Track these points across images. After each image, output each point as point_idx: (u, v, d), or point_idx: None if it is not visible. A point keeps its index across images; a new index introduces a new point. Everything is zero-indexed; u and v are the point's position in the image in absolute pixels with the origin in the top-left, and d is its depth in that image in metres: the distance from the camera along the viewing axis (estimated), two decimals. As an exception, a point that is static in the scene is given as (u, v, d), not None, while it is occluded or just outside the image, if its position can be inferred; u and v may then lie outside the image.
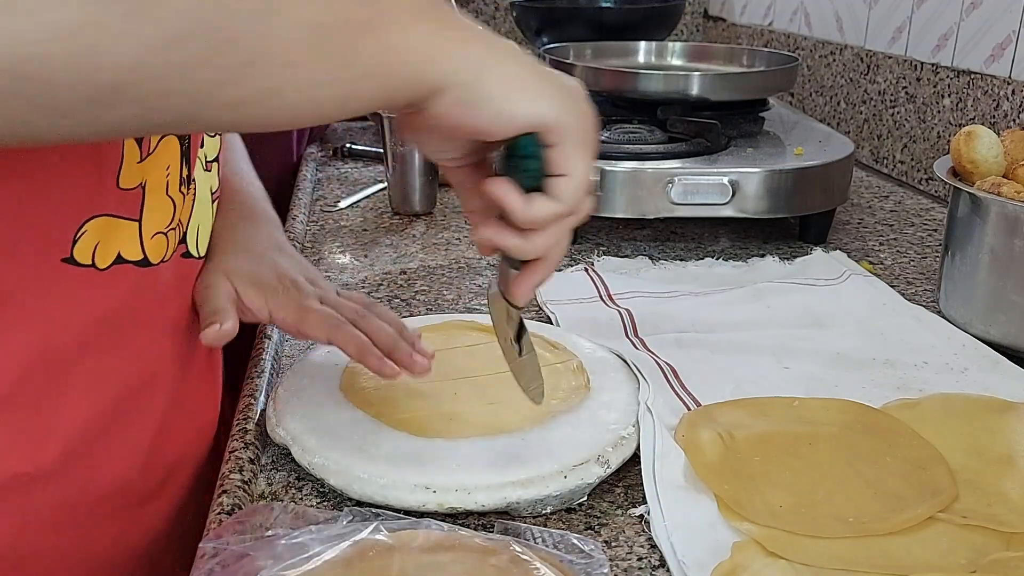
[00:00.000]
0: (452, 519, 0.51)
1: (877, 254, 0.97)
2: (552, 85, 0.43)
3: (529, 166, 0.44)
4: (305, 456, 0.55)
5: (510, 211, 0.44)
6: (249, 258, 0.62)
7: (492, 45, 0.42)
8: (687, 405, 0.63)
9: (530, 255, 0.47)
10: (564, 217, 0.45)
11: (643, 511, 0.53)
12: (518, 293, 0.49)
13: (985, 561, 0.48)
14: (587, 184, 0.45)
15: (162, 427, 0.58)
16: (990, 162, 0.75)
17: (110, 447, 0.54)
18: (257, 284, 0.60)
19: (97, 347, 0.52)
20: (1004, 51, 1.06)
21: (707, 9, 1.97)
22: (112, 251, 0.51)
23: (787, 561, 0.48)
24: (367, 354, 0.58)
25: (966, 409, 0.63)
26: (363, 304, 0.63)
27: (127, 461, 0.56)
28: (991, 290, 0.73)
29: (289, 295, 0.60)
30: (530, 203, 0.44)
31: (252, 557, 0.44)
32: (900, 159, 1.27)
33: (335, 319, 0.59)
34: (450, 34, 0.41)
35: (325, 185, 1.22)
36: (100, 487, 0.54)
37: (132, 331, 0.54)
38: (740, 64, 1.22)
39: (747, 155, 0.97)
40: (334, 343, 0.59)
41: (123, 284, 0.52)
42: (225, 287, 0.59)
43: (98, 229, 0.50)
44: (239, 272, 0.61)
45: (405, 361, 0.58)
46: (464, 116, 0.41)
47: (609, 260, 0.93)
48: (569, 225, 0.47)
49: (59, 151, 0.46)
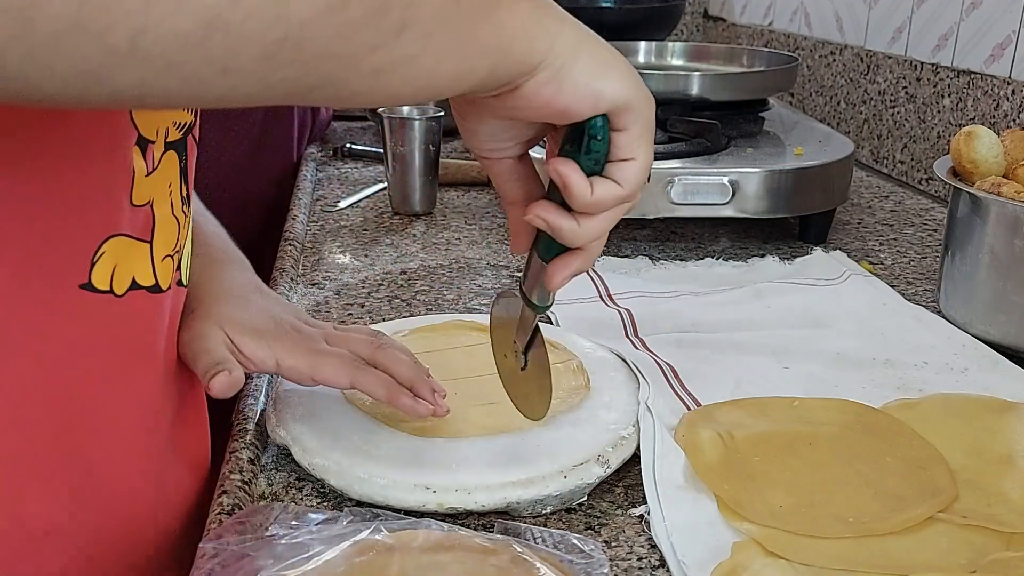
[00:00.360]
0: (452, 519, 0.51)
1: (877, 254, 0.97)
2: (630, 69, 0.44)
3: (599, 148, 0.44)
4: (305, 456, 0.55)
5: (574, 192, 0.44)
6: (235, 304, 0.58)
7: (580, 26, 0.43)
8: (687, 405, 0.63)
9: (580, 240, 0.47)
10: (625, 202, 0.46)
11: (643, 511, 0.53)
12: (554, 281, 0.49)
13: (985, 561, 0.48)
14: (647, 170, 0.45)
15: (160, 468, 0.55)
16: (990, 162, 0.75)
17: (117, 490, 0.51)
18: (255, 333, 0.56)
19: (110, 384, 0.49)
20: (1004, 51, 1.06)
21: (707, 9, 1.97)
22: (128, 275, 0.48)
23: (787, 561, 0.48)
24: (398, 396, 0.55)
25: (966, 409, 0.63)
26: (370, 335, 0.60)
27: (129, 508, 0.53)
28: (991, 290, 0.73)
29: (294, 340, 0.57)
30: (595, 185, 0.44)
31: (252, 557, 0.44)
32: (900, 159, 1.27)
33: (352, 361, 0.57)
34: (546, 12, 0.42)
35: (325, 185, 1.22)
36: (111, 533, 0.51)
37: (142, 365, 0.51)
38: (740, 64, 1.22)
39: (747, 155, 0.97)
40: (357, 387, 0.56)
41: (137, 312, 0.49)
42: (219, 336, 0.55)
43: (114, 250, 0.47)
44: (231, 321, 0.56)
45: (429, 399, 0.55)
46: (555, 94, 0.42)
47: (609, 260, 0.93)
48: (623, 212, 0.47)
49: (76, 165, 0.44)
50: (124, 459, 0.51)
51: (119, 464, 0.51)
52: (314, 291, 0.86)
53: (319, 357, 0.56)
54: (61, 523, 0.48)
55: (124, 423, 0.51)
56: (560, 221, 0.46)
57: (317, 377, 0.56)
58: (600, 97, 0.42)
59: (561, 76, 0.41)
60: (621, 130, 0.44)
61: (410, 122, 1.04)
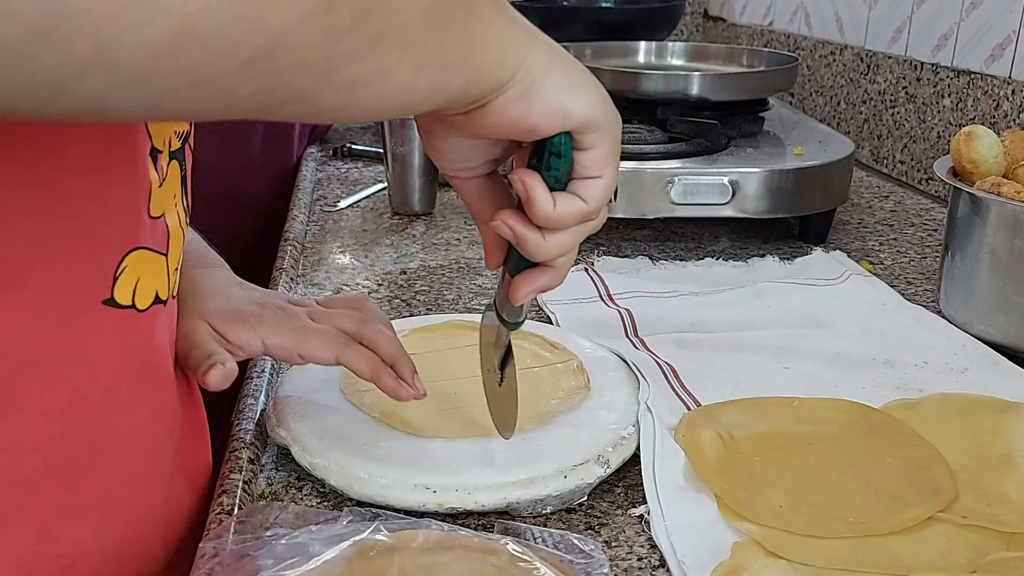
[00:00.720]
0: (452, 519, 0.51)
1: (877, 254, 0.97)
2: (599, 88, 0.44)
3: (560, 165, 0.44)
4: (305, 456, 0.55)
5: (537, 205, 0.44)
6: (216, 298, 0.58)
7: (551, 42, 0.42)
8: (687, 405, 0.63)
9: (544, 253, 0.46)
10: (588, 219, 0.46)
11: (643, 511, 0.53)
12: (518, 293, 0.48)
13: (985, 561, 0.48)
14: (612, 189, 0.45)
15: (170, 483, 0.54)
16: (990, 162, 0.75)
17: (136, 510, 0.50)
18: (239, 319, 0.56)
19: (131, 405, 0.48)
20: (1004, 51, 1.06)
21: (707, 9, 1.97)
22: (152, 289, 0.47)
23: (787, 561, 0.48)
24: (381, 375, 0.55)
25: (966, 409, 0.63)
26: (354, 306, 0.60)
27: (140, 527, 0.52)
28: (991, 290, 0.73)
29: (279, 319, 0.57)
30: (557, 200, 0.44)
31: (252, 557, 0.44)
32: (900, 159, 1.27)
33: (338, 336, 0.57)
34: (519, 29, 0.41)
35: (325, 185, 1.22)
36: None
37: (159, 381, 0.51)
38: (740, 64, 1.22)
39: (747, 155, 0.97)
40: (342, 363, 0.56)
41: (157, 327, 0.49)
42: (206, 329, 0.55)
43: (136, 264, 0.46)
44: (213, 312, 0.56)
45: (408, 380, 0.56)
46: (524, 112, 0.41)
47: (609, 260, 0.93)
48: (589, 230, 0.47)
49: (99, 179, 0.43)
50: (141, 479, 0.51)
51: (137, 484, 0.50)
52: (314, 291, 0.86)
53: (304, 333, 0.56)
54: (88, 546, 0.47)
55: (143, 442, 0.50)
56: (525, 231, 0.45)
57: (303, 353, 0.56)
58: (569, 114, 0.42)
59: (531, 94, 0.41)
60: (588, 149, 0.43)
61: (410, 122, 1.04)
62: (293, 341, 0.56)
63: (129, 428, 0.48)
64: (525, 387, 0.62)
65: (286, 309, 0.58)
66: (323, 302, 0.61)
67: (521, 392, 0.55)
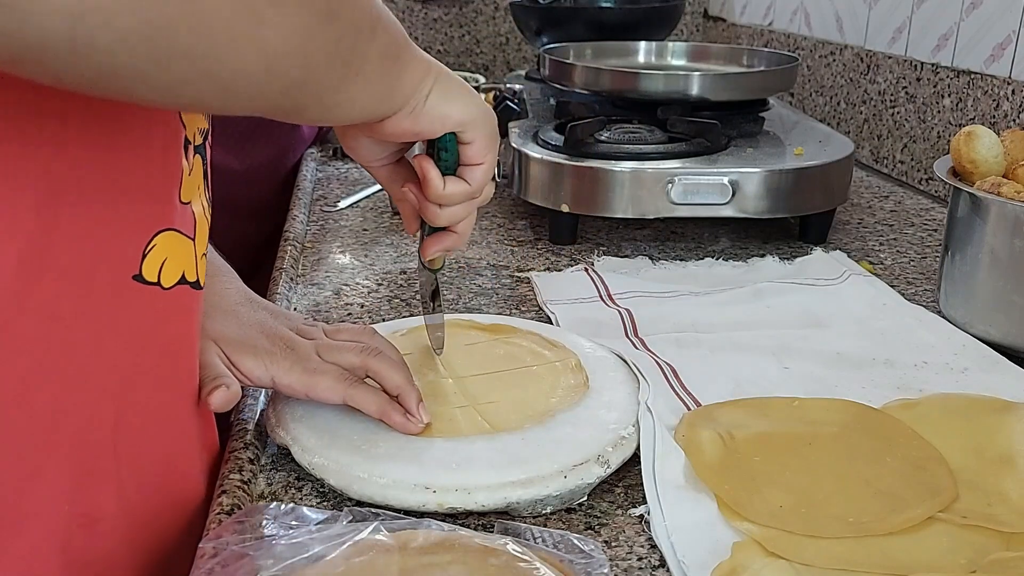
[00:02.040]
0: (452, 519, 0.51)
1: (877, 254, 0.97)
2: (472, 94, 0.55)
3: (447, 158, 0.56)
4: (305, 456, 0.55)
5: (430, 187, 0.56)
6: (227, 319, 0.60)
7: (437, 64, 0.53)
8: (687, 405, 0.63)
9: (441, 220, 0.58)
10: (473, 196, 0.57)
11: (643, 511, 0.53)
12: (427, 251, 0.61)
13: (985, 561, 0.48)
14: (491, 172, 0.57)
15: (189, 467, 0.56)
16: (990, 162, 0.75)
17: (165, 481, 0.53)
18: (250, 350, 0.58)
19: (157, 379, 0.51)
20: (1004, 51, 1.06)
21: (707, 9, 1.97)
22: (178, 269, 0.50)
23: (787, 561, 0.48)
24: (390, 413, 0.57)
25: (966, 409, 0.63)
26: (360, 338, 0.61)
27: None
28: (991, 290, 0.73)
29: (290, 360, 0.58)
30: (447, 183, 0.56)
31: (252, 557, 0.44)
32: (900, 159, 1.27)
33: (344, 377, 0.58)
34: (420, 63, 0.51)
35: (325, 185, 1.22)
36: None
37: (182, 361, 0.53)
38: (740, 64, 1.22)
39: (747, 155, 0.97)
40: (350, 404, 0.57)
41: (182, 307, 0.51)
42: (215, 350, 0.58)
43: (165, 244, 0.48)
44: (226, 338, 0.59)
45: (413, 411, 0.57)
46: (412, 125, 0.52)
47: (609, 260, 0.93)
48: (477, 203, 0.59)
49: (137, 159, 0.46)
50: (165, 452, 0.53)
51: (166, 456, 0.53)
52: (314, 291, 0.86)
53: (313, 376, 0.58)
54: (110, 510, 0.49)
55: (169, 417, 0.53)
56: (423, 202, 0.57)
57: (311, 395, 0.58)
58: (447, 118, 0.53)
59: (417, 112, 0.51)
60: (470, 142, 0.55)
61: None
62: (302, 384, 0.58)
63: (153, 402, 0.51)
64: (524, 386, 0.62)
65: (295, 347, 0.60)
66: (330, 331, 0.63)
67: (520, 391, 0.57)
